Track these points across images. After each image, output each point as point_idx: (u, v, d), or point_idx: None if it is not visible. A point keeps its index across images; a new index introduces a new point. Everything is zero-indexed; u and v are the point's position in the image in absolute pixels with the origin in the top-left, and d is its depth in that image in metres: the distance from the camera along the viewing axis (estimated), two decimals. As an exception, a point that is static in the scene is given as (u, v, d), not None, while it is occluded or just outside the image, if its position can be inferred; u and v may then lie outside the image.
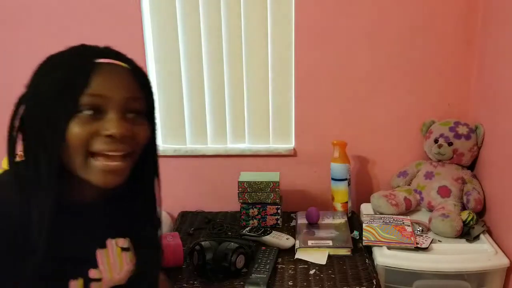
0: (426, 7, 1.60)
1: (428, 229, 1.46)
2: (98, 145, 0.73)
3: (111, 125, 0.72)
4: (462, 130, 1.57)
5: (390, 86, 1.69)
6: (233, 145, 1.81)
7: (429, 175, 1.60)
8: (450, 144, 1.57)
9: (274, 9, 1.66)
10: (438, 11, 1.61)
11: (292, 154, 1.77)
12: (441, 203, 1.52)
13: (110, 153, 0.73)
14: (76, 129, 0.71)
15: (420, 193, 1.59)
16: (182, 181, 1.82)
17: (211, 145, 1.82)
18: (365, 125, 1.73)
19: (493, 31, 1.50)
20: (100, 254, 0.83)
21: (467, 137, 1.56)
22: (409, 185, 1.65)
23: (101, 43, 0.92)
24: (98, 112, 0.73)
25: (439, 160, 1.61)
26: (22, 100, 0.75)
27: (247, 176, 1.63)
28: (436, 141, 1.60)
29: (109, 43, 0.94)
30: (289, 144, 1.80)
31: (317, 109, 1.73)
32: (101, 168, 0.73)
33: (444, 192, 1.54)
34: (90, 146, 0.73)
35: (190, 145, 1.82)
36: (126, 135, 0.74)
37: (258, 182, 1.58)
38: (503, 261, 1.31)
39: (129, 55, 0.92)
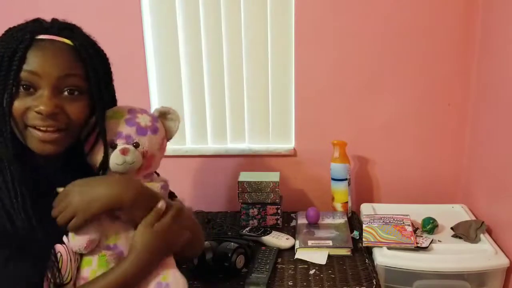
0: (426, 7, 1.60)
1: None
2: (31, 120, 0.79)
3: (40, 102, 0.78)
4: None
5: (390, 86, 1.69)
6: (233, 145, 1.81)
7: None
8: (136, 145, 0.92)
9: (274, 8, 1.66)
10: (438, 11, 1.60)
11: (292, 154, 1.77)
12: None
13: (41, 128, 0.79)
14: (15, 104, 0.78)
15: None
16: (181, 181, 1.82)
17: (211, 145, 1.82)
18: (365, 125, 1.73)
19: (493, 31, 1.50)
20: None
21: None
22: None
23: (101, 42, 0.92)
24: (34, 88, 0.78)
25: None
26: None
27: (247, 176, 1.62)
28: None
29: (109, 43, 0.94)
30: (289, 144, 1.80)
31: (317, 109, 1.73)
32: (37, 138, 0.79)
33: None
34: (26, 119, 0.79)
35: (190, 145, 1.82)
36: (55, 112, 0.78)
37: (258, 182, 1.58)
38: (503, 261, 1.32)
39: (129, 55, 0.92)
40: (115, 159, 0.88)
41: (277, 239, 1.46)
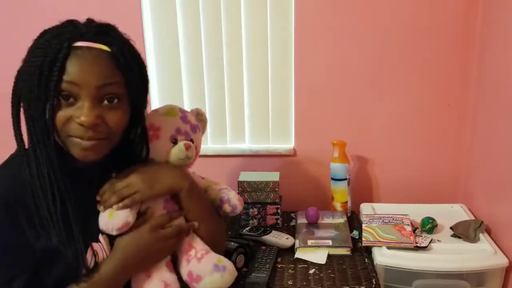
0: (426, 7, 1.61)
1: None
2: (72, 131, 0.79)
3: (81, 113, 0.78)
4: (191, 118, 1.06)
5: (390, 86, 1.69)
6: (233, 145, 1.82)
7: None
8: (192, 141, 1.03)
9: (274, 8, 1.66)
10: (438, 11, 1.61)
11: (292, 154, 1.78)
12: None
13: (82, 138, 0.79)
14: (58, 113, 0.78)
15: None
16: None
17: (211, 145, 1.82)
18: (365, 125, 1.74)
19: (493, 30, 1.50)
20: None
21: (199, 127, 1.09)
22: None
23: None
24: (74, 98, 0.78)
25: None
26: (17, 80, 0.82)
27: (247, 176, 1.63)
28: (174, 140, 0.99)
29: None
30: (289, 144, 1.80)
31: (317, 109, 1.73)
32: (78, 146, 0.80)
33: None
34: (67, 130, 0.79)
35: (190, 145, 1.82)
36: (95, 123, 0.78)
37: (258, 182, 1.58)
38: (502, 260, 1.32)
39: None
40: (179, 153, 0.95)
41: (277, 239, 1.46)
